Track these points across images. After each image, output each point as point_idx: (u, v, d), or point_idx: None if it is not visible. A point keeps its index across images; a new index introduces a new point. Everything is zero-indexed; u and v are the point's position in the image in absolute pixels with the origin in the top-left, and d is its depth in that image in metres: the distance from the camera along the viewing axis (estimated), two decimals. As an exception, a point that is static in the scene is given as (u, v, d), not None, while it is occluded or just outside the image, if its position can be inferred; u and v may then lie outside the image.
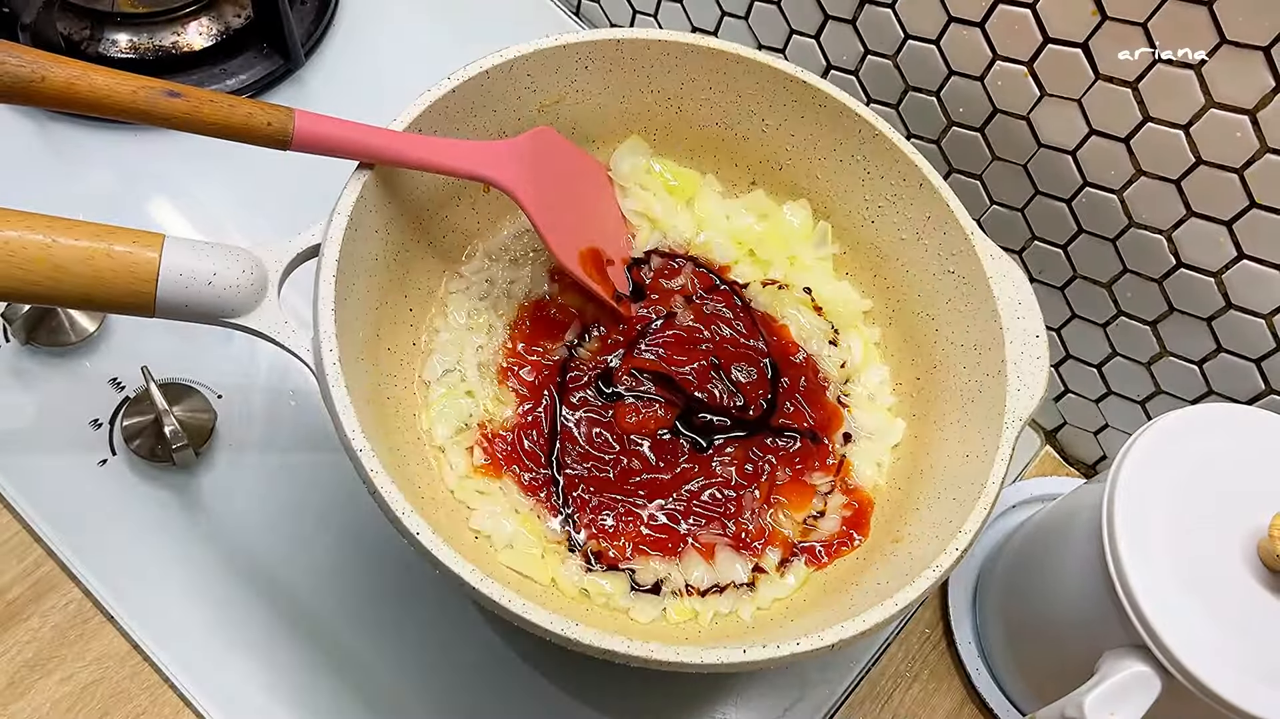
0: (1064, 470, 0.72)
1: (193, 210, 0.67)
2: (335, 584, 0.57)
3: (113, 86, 0.44)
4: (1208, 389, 0.61)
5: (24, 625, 0.54)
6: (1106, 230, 0.60)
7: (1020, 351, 0.53)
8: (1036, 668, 0.58)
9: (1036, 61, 0.57)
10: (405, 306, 0.56)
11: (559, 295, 0.60)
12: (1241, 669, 0.45)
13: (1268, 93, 0.50)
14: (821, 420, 0.59)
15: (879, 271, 0.62)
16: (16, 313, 0.58)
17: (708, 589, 0.53)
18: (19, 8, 0.65)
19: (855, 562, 0.55)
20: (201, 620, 0.55)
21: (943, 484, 0.53)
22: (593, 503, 0.54)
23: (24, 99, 0.44)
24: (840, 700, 0.61)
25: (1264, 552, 0.47)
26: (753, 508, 0.55)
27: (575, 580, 0.52)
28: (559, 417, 0.56)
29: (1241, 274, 0.55)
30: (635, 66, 0.59)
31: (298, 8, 0.74)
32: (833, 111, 0.59)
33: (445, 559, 0.42)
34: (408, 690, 0.56)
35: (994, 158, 0.63)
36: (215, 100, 0.46)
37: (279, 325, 0.47)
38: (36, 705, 0.52)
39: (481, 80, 0.54)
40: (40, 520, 0.56)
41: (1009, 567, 0.61)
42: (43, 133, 0.67)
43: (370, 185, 0.50)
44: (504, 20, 0.80)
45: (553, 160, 0.57)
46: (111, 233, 0.43)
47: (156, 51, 0.69)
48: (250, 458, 0.60)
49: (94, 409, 0.59)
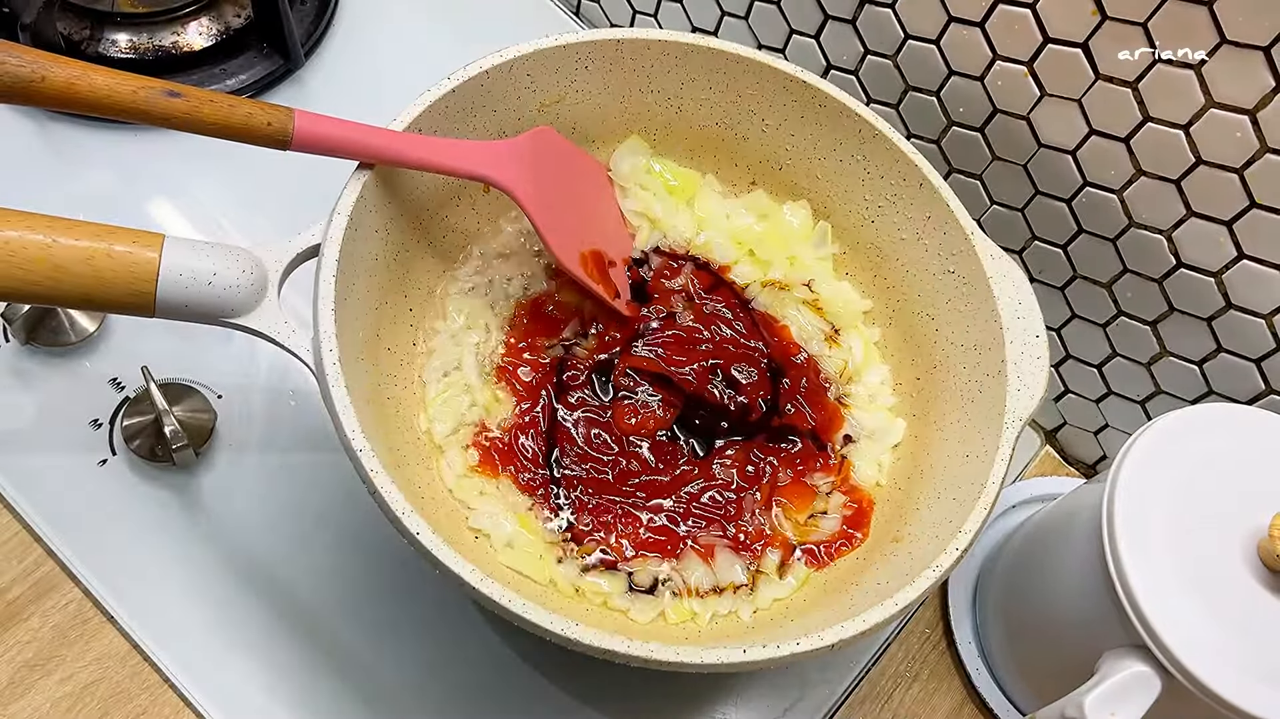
0: (1064, 470, 0.72)
1: (193, 210, 0.67)
2: (335, 584, 0.57)
3: (113, 86, 0.44)
4: (1208, 389, 0.61)
5: (24, 625, 0.54)
6: (1106, 230, 0.60)
7: (1020, 352, 0.53)
8: (1036, 668, 0.58)
9: (1036, 61, 0.57)
10: (405, 307, 0.56)
11: (557, 292, 0.60)
12: (1241, 669, 0.45)
13: (1268, 93, 0.50)
14: (823, 421, 0.59)
15: (879, 271, 0.62)
16: (16, 313, 0.58)
17: (707, 590, 0.53)
18: (19, 8, 0.65)
19: (855, 562, 0.54)
20: (201, 620, 0.55)
21: (943, 484, 0.53)
22: (591, 504, 0.54)
23: (24, 99, 0.44)
24: (840, 700, 0.61)
25: (1264, 552, 0.47)
26: (753, 510, 0.55)
27: (572, 580, 0.52)
28: (556, 416, 0.56)
29: (1241, 274, 0.55)
30: (635, 66, 0.59)
31: (298, 8, 0.74)
32: (833, 111, 0.59)
33: (445, 559, 0.42)
34: (408, 690, 0.56)
35: (994, 158, 0.63)
36: (215, 100, 0.46)
37: (279, 325, 0.47)
38: (36, 705, 0.52)
39: (481, 80, 0.54)
40: (40, 520, 0.56)
41: (1009, 567, 0.61)
42: (43, 133, 0.67)
43: (370, 185, 0.50)
44: (504, 20, 0.80)
45: (553, 160, 0.57)
46: (111, 233, 0.43)
47: (156, 51, 0.69)
48: (250, 458, 0.60)
49: (94, 409, 0.59)
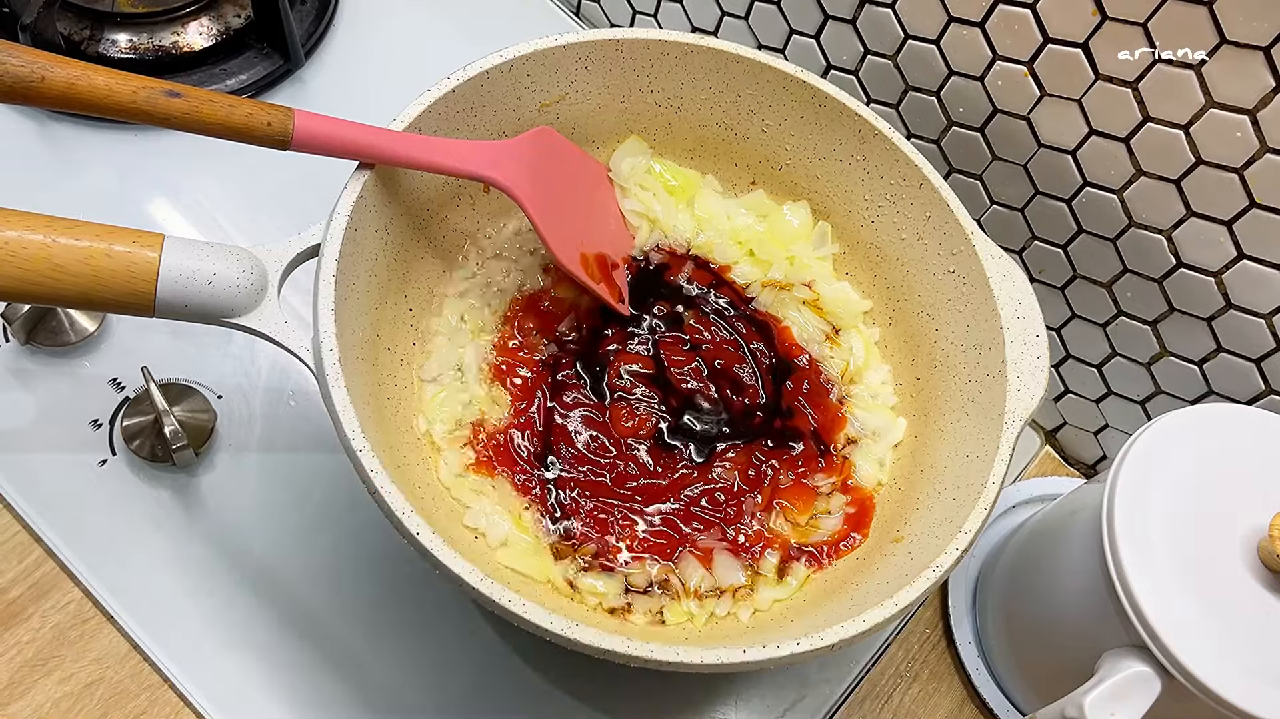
0: (1064, 470, 0.72)
1: (193, 210, 0.67)
2: (335, 584, 0.57)
3: (113, 86, 0.44)
4: (1208, 389, 0.61)
5: (24, 625, 0.54)
6: (1106, 230, 0.60)
7: (1020, 352, 0.53)
8: (1036, 668, 0.58)
9: (1036, 61, 0.57)
10: (405, 307, 0.56)
11: (553, 288, 0.60)
12: (1241, 669, 0.45)
13: (1268, 93, 0.50)
14: (825, 423, 0.59)
15: (879, 272, 0.62)
16: (16, 313, 0.58)
17: (705, 592, 0.53)
18: (19, 8, 0.65)
19: (855, 562, 0.54)
20: (201, 620, 0.55)
21: (943, 484, 0.53)
22: (587, 507, 0.54)
23: (24, 99, 0.44)
24: (840, 700, 0.61)
25: (1264, 552, 0.47)
26: (753, 512, 0.55)
27: (570, 580, 0.52)
28: (552, 416, 0.56)
29: (1241, 274, 0.55)
30: (635, 66, 0.59)
31: (298, 8, 0.74)
32: (833, 111, 0.59)
33: (445, 559, 0.42)
34: (408, 690, 0.56)
35: (994, 158, 0.63)
36: (215, 100, 0.46)
37: (279, 325, 0.47)
38: (36, 705, 0.52)
39: (481, 80, 0.54)
40: (40, 520, 0.56)
41: (1009, 567, 0.61)
42: (43, 133, 0.67)
43: (370, 185, 0.50)
44: (504, 20, 0.80)
45: (553, 161, 0.57)
46: (111, 233, 0.43)
47: (156, 51, 0.69)
48: (250, 458, 0.60)
49: (94, 409, 0.59)
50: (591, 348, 0.58)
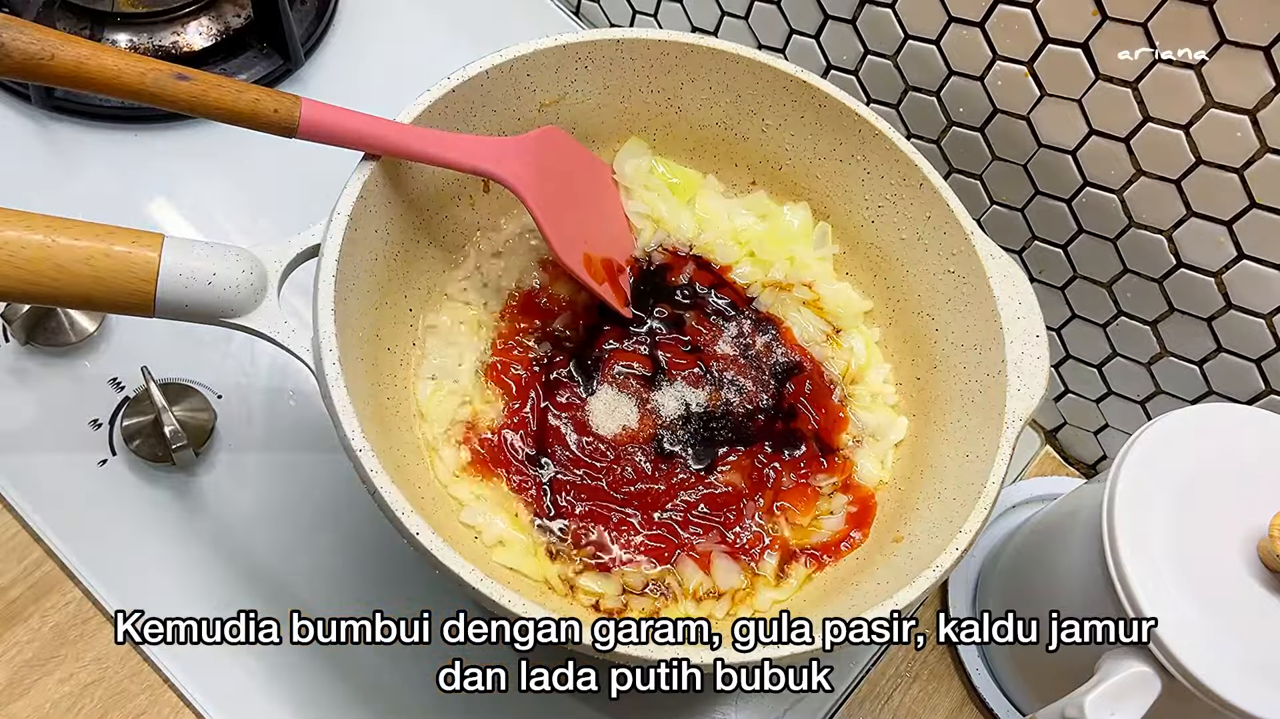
0: (1064, 470, 0.72)
1: (193, 210, 0.67)
2: (335, 584, 0.57)
3: (122, 68, 0.44)
4: (1208, 389, 0.61)
5: (24, 625, 0.54)
6: (1106, 230, 0.60)
7: (1020, 352, 0.53)
8: (1036, 668, 0.58)
9: (1036, 61, 0.57)
10: (405, 306, 0.56)
11: (549, 285, 0.59)
12: (1241, 669, 0.45)
13: (1268, 93, 0.50)
14: (827, 424, 0.58)
15: (879, 272, 0.62)
16: (16, 313, 0.58)
17: (704, 594, 0.53)
18: (19, 8, 0.65)
19: (855, 562, 0.54)
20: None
21: (943, 484, 0.53)
22: (580, 509, 0.53)
23: (34, 75, 0.44)
24: (840, 700, 0.61)
25: (1264, 552, 0.47)
26: (754, 515, 0.55)
27: (567, 580, 0.52)
28: (546, 417, 0.55)
29: (1241, 274, 0.55)
30: (635, 66, 0.59)
31: (298, 8, 0.74)
32: (833, 111, 0.59)
33: (445, 559, 0.42)
34: (408, 690, 0.56)
35: (994, 158, 0.63)
36: (223, 85, 0.46)
37: (279, 325, 0.47)
38: (36, 705, 0.52)
39: (481, 80, 0.54)
40: (40, 520, 0.55)
41: (1009, 567, 0.61)
42: (43, 133, 0.67)
43: (371, 185, 0.50)
44: (504, 20, 0.80)
45: (559, 160, 0.57)
46: (111, 233, 0.43)
47: (156, 51, 0.69)
48: (250, 458, 0.60)
49: (94, 409, 0.59)
50: (587, 346, 0.58)
